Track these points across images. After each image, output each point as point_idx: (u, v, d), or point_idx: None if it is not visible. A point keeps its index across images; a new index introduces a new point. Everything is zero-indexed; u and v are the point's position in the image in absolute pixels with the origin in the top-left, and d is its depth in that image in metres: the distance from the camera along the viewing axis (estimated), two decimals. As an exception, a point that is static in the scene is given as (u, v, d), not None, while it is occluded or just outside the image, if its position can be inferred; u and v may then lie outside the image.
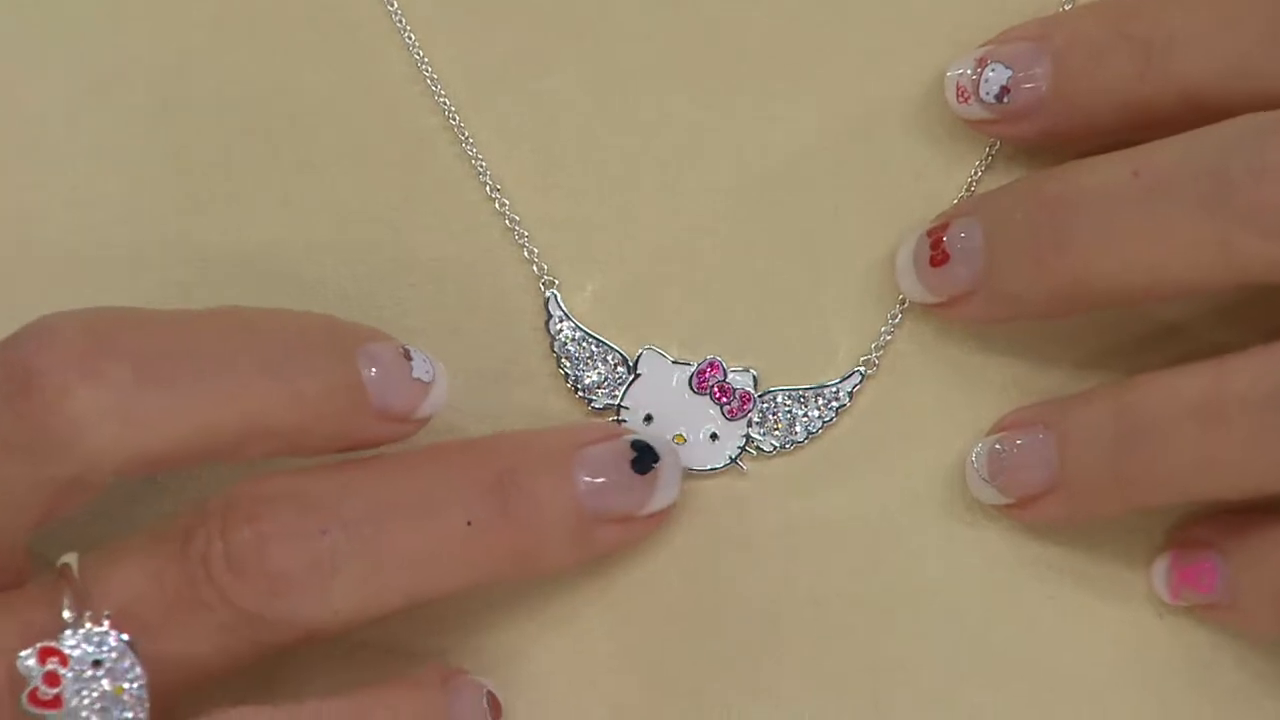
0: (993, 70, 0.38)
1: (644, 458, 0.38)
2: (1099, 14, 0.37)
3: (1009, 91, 0.38)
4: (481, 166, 0.40)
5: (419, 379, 0.36)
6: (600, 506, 0.37)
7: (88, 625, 0.34)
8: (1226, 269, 0.34)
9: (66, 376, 0.33)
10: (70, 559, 0.34)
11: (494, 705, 0.37)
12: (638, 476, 0.38)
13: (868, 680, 0.39)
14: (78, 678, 0.33)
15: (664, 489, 0.38)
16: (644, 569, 0.39)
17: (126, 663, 0.33)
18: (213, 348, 0.35)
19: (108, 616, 0.34)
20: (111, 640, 0.33)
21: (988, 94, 0.38)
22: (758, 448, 0.40)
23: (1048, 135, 0.38)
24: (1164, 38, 0.36)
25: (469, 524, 0.36)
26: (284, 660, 0.37)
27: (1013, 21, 0.39)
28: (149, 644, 0.34)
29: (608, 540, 0.38)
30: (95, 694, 0.33)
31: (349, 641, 0.38)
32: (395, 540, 0.35)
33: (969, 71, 0.39)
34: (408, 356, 0.37)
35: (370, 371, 0.36)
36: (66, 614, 0.34)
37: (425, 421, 0.37)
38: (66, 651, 0.33)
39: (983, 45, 0.39)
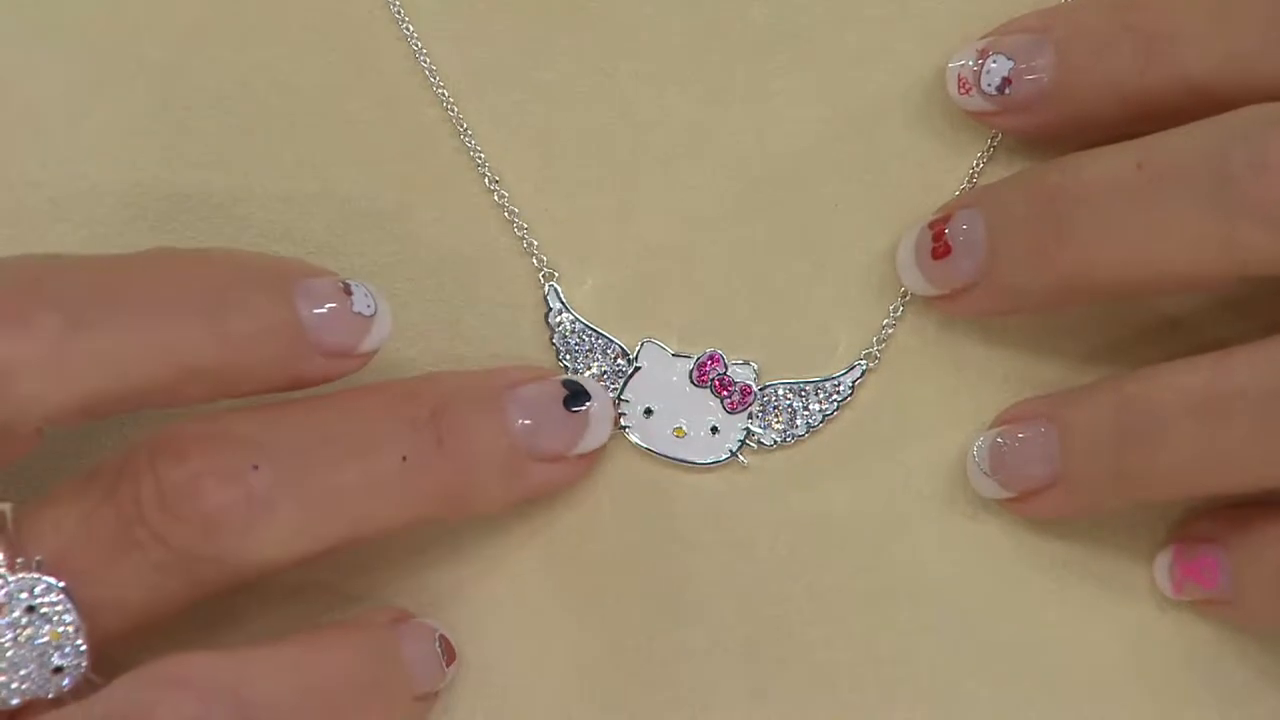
0: (994, 62, 0.38)
1: (576, 397, 0.38)
2: (1101, 6, 0.37)
3: (1011, 83, 0.38)
4: (481, 159, 0.40)
5: (359, 313, 0.36)
6: (533, 445, 0.37)
7: (19, 573, 0.33)
8: (1228, 262, 0.34)
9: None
10: (4, 507, 0.34)
11: (446, 648, 0.37)
12: (569, 415, 0.38)
13: (869, 674, 0.39)
14: (12, 624, 0.33)
15: (595, 428, 0.38)
16: (644, 564, 0.39)
17: (61, 607, 0.34)
18: (143, 291, 0.34)
19: (39, 563, 0.34)
20: (43, 586, 0.33)
21: (989, 85, 0.38)
22: (758, 441, 0.40)
23: (1049, 127, 0.38)
24: (1166, 29, 0.36)
25: (404, 460, 0.36)
26: (226, 606, 0.37)
27: (1014, 13, 0.39)
28: (84, 588, 0.34)
29: (539, 480, 0.38)
30: (31, 640, 0.33)
31: (286, 584, 0.38)
32: (329, 476, 0.35)
33: (970, 63, 0.38)
34: (348, 291, 0.36)
35: (308, 309, 0.36)
36: (1, 560, 0.34)
37: (369, 356, 0.37)
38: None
39: (984, 37, 0.39)
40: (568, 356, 0.40)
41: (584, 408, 0.38)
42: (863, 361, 0.40)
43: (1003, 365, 0.40)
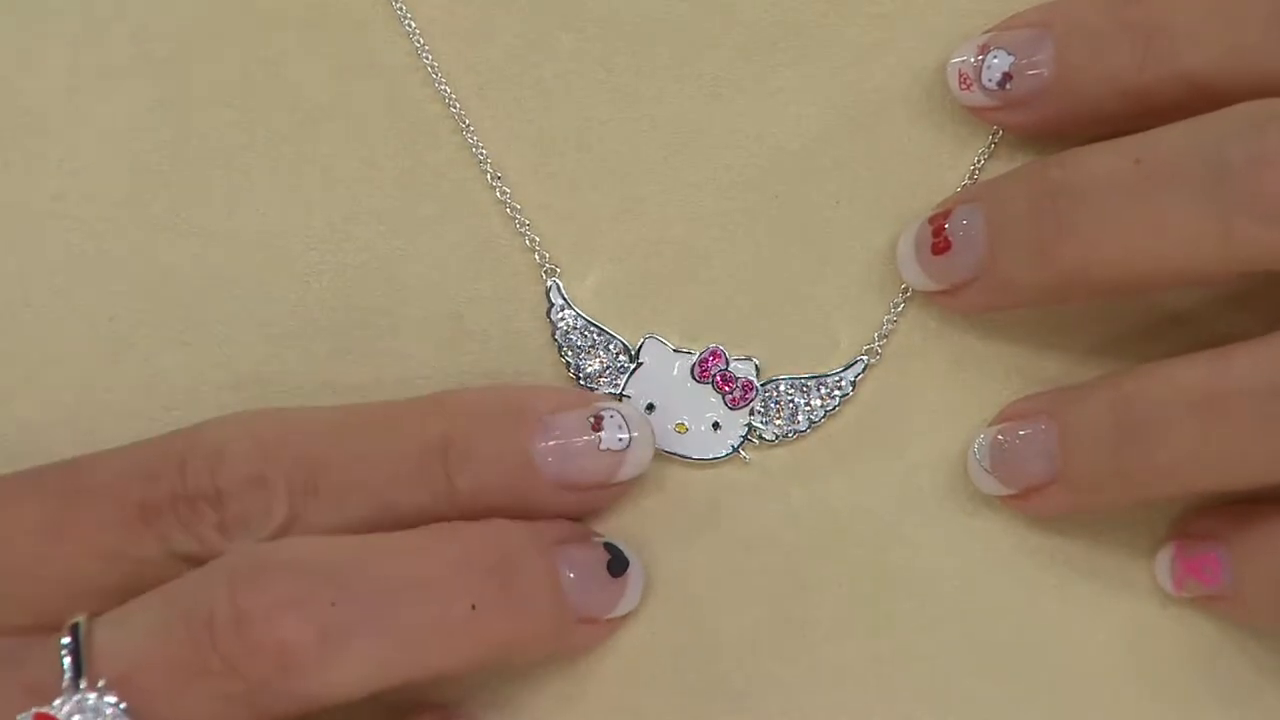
0: (995, 57, 0.38)
1: (617, 563, 0.38)
2: (1101, 1, 0.37)
3: (1011, 78, 0.38)
4: (483, 155, 0.40)
5: (609, 449, 0.37)
6: (579, 604, 0.37)
7: (82, 691, 0.33)
8: (1228, 257, 0.34)
9: (248, 495, 0.35)
10: (79, 619, 0.34)
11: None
12: (611, 579, 0.38)
13: (870, 670, 0.39)
14: None
15: (630, 596, 0.38)
16: (645, 559, 0.39)
17: None
18: (371, 449, 0.36)
19: (103, 684, 0.33)
20: (107, 708, 0.33)
21: (990, 81, 0.38)
22: (760, 437, 0.40)
23: (1050, 122, 0.38)
24: (1166, 25, 0.36)
25: (473, 608, 0.35)
26: None
27: (1015, 9, 0.38)
28: (149, 711, 0.33)
29: (580, 641, 0.38)
30: None
31: None
32: (402, 619, 0.34)
33: (971, 59, 0.38)
34: (598, 425, 0.37)
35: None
36: (67, 676, 0.33)
37: (632, 483, 0.38)
38: (60, 717, 0.33)
39: (985, 32, 0.39)
40: (569, 353, 0.40)
41: (625, 574, 0.38)
42: (864, 357, 0.40)
43: (1004, 360, 0.39)
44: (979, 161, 0.40)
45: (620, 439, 0.37)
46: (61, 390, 0.40)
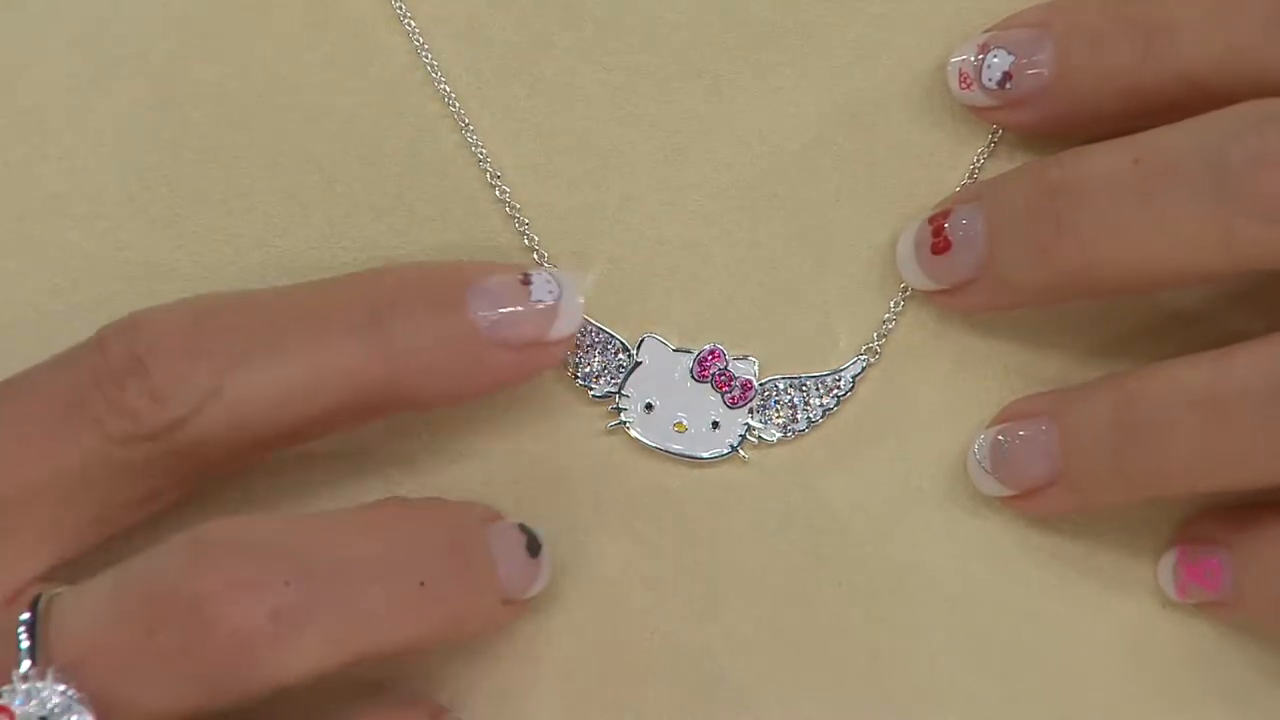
0: (995, 56, 0.38)
1: (533, 543, 0.38)
2: (1101, 0, 0.37)
3: (1011, 77, 0.38)
4: (482, 154, 0.40)
5: (540, 302, 0.37)
6: (507, 581, 0.37)
7: (31, 680, 0.33)
8: (1228, 256, 0.34)
9: (172, 361, 0.34)
10: (46, 595, 0.34)
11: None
12: (531, 559, 0.38)
13: (870, 669, 0.39)
14: None
15: (543, 577, 0.38)
16: (644, 558, 0.39)
17: (76, 717, 0.33)
18: (304, 320, 0.35)
19: (53, 671, 0.33)
20: (56, 696, 0.33)
21: (990, 80, 0.38)
22: (759, 436, 0.39)
23: (1050, 122, 0.38)
24: (1166, 24, 0.36)
25: (421, 584, 0.35)
26: None
27: (1015, 8, 0.38)
28: (103, 695, 0.33)
29: (503, 618, 0.37)
30: None
31: None
32: (355, 599, 0.34)
33: (971, 58, 0.38)
34: (526, 282, 0.37)
35: (483, 311, 0.36)
36: (24, 664, 0.33)
37: (563, 343, 0.37)
38: (12, 708, 0.33)
39: (985, 31, 0.39)
40: (568, 351, 0.40)
41: (540, 557, 0.38)
42: (864, 356, 0.40)
43: (1004, 360, 0.40)
44: (979, 161, 0.40)
45: (550, 292, 0.37)
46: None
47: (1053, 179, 0.36)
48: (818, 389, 0.40)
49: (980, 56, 0.38)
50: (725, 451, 0.39)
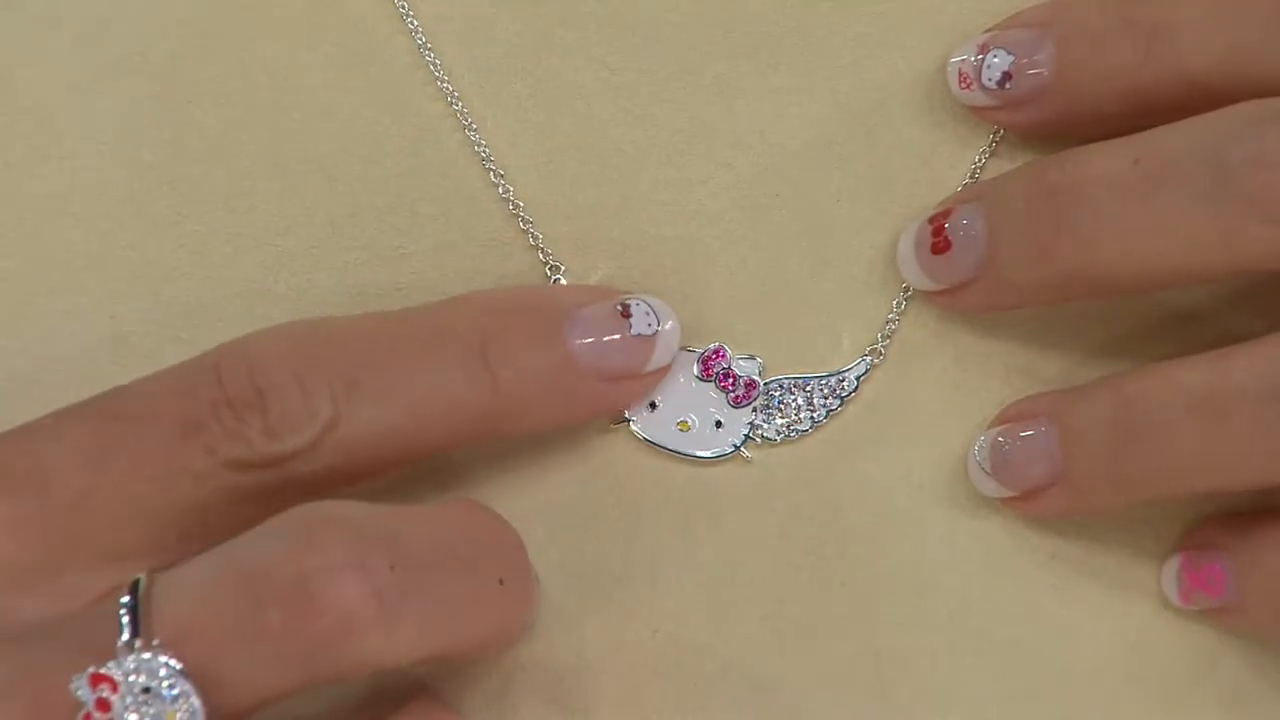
0: (995, 56, 0.38)
1: None
2: (1101, 0, 0.37)
3: (1011, 77, 0.38)
4: (486, 153, 0.40)
5: (640, 335, 0.37)
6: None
7: (137, 651, 0.32)
8: (1228, 256, 0.34)
9: (291, 396, 0.35)
10: (141, 575, 0.34)
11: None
12: None
13: (871, 669, 0.39)
14: (129, 705, 0.32)
15: None
16: (645, 557, 0.39)
17: (179, 690, 0.32)
18: (410, 351, 0.36)
19: (157, 644, 0.33)
20: (163, 669, 0.32)
21: (990, 80, 0.38)
22: (762, 436, 0.40)
23: (1050, 122, 0.38)
24: (1167, 24, 0.36)
25: (500, 583, 0.35)
26: None
27: (1016, 8, 0.39)
28: (206, 671, 0.33)
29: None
30: None
31: None
32: (446, 588, 0.34)
33: (971, 58, 0.39)
34: (626, 314, 0.37)
35: (580, 340, 0.36)
36: (125, 636, 0.33)
37: (660, 374, 0.38)
38: (116, 678, 0.32)
39: (985, 31, 0.39)
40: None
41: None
42: (867, 356, 0.40)
43: (1007, 360, 0.40)
44: (979, 161, 0.40)
45: (649, 324, 0.38)
46: (62, 390, 0.39)
47: (1053, 179, 0.36)
48: (821, 389, 0.40)
49: (980, 56, 0.38)
50: (728, 451, 0.39)
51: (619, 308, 0.38)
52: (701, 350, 0.40)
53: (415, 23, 0.41)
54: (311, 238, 0.40)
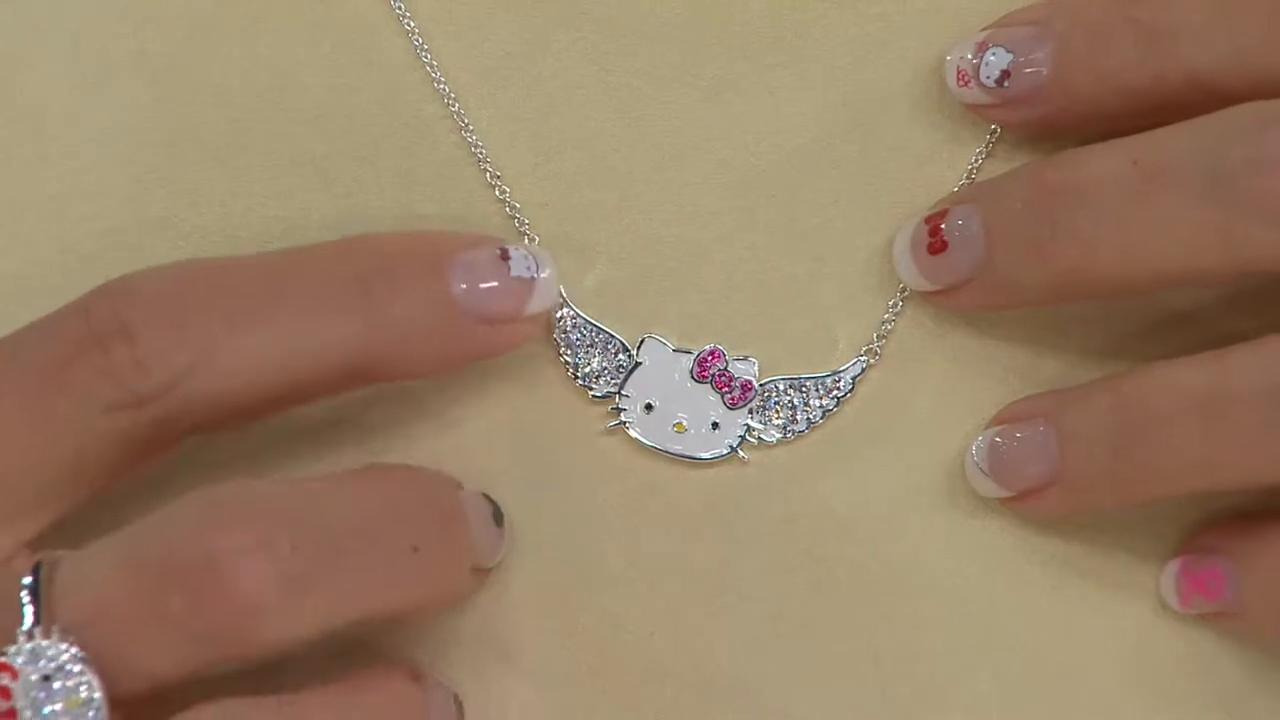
0: (993, 54, 0.38)
1: (498, 512, 0.38)
2: None
3: (1009, 76, 0.38)
4: (482, 154, 0.40)
5: (519, 277, 0.37)
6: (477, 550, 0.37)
7: (37, 638, 0.33)
8: (1227, 258, 0.34)
9: (159, 327, 0.34)
10: (42, 556, 0.34)
11: (459, 710, 0.37)
12: (496, 528, 0.38)
13: (870, 670, 0.39)
14: (29, 692, 0.32)
15: (504, 545, 0.39)
16: (643, 558, 0.39)
17: (80, 677, 0.32)
18: (293, 287, 0.35)
19: (58, 631, 0.33)
20: (62, 655, 0.32)
21: (988, 78, 0.38)
22: (759, 437, 0.39)
23: (1048, 121, 0.38)
24: (1166, 24, 0.36)
25: (414, 549, 0.35)
26: None
27: (1014, 6, 0.38)
28: (108, 656, 0.33)
29: (470, 587, 0.38)
30: (48, 709, 0.32)
31: None
32: (353, 563, 0.34)
33: (969, 56, 0.38)
34: (505, 257, 0.37)
35: (463, 284, 0.36)
36: (26, 623, 0.33)
37: (538, 319, 0.38)
38: (16, 665, 0.32)
39: (983, 29, 0.39)
40: (568, 351, 0.40)
41: (503, 527, 0.38)
42: (864, 357, 0.40)
43: (1003, 360, 0.39)
44: (976, 161, 0.40)
45: (528, 268, 0.37)
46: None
47: (1050, 180, 0.36)
48: (817, 390, 0.40)
49: (978, 54, 0.38)
50: (725, 452, 0.39)
51: (499, 251, 0.37)
52: (698, 352, 0.39)
53: (412, 24, 0.40)
54: (308, 238, 0.40)
